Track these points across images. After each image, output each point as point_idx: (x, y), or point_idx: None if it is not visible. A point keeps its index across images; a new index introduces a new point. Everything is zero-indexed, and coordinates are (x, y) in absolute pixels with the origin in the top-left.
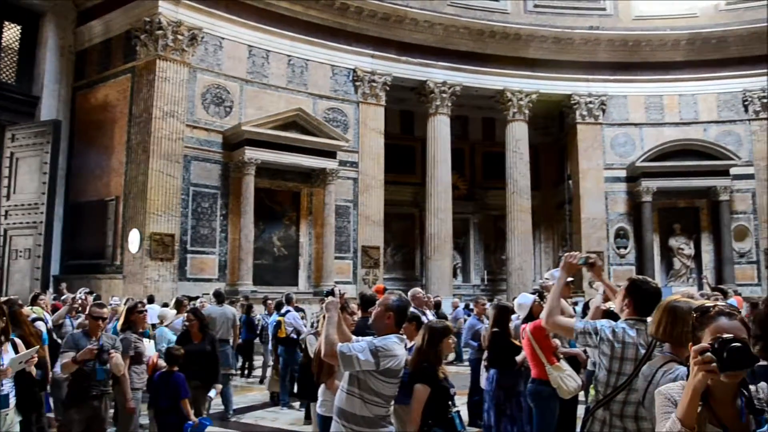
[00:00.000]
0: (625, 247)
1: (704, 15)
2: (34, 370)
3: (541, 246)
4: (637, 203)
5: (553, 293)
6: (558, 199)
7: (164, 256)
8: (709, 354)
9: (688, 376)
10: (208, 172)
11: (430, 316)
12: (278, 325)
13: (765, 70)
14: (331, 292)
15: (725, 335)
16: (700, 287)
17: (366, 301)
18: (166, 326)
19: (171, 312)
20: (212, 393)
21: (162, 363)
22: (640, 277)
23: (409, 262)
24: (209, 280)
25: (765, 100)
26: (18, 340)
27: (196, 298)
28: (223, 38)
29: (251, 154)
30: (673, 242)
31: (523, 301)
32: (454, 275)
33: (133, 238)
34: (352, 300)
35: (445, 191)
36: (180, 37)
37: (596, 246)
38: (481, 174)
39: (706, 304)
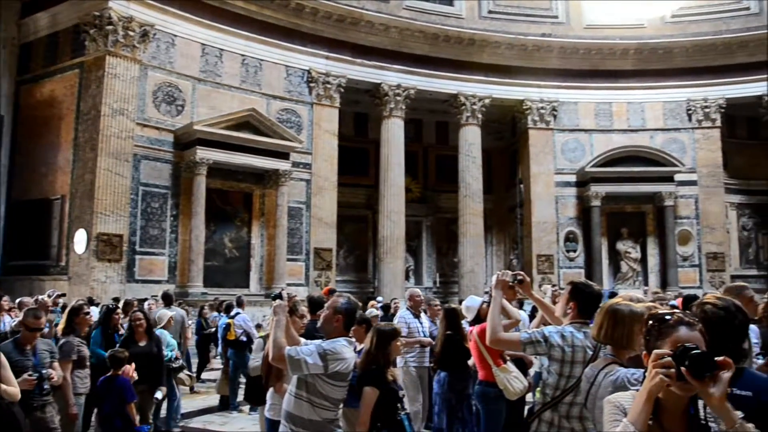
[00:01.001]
0: (575, 251)
1: (651, 26)
2: None
3: (492, 249)
4: (587, 207)
5: (491, 312)
6: (510, 202)
7: (112, 257)
8: (669, 359)
9: (634, 380)
10: (158, 172)
11: (424, 319)
12: (228, 327)
13: (707, 81)
14: (279, 296)
15: (687, 344)
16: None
17: (314, 304)
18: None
19: (169, 313)
20: (158, 394)
21: None
22: (582, 280)
23: (361, 265)
24: (158, 282)
25: (707, 110)
26: None
27: (144, 300)
28: (175, 36)
29: (203, 154)
30: (620, 246)
31: (471, 303)
32: (407, 278)
33: (80, 239)
34: (301, 302)
35: (399, 194)
36: (131, 33)
37: (546, 249)
38: (435, 177)
39: (665, 313)
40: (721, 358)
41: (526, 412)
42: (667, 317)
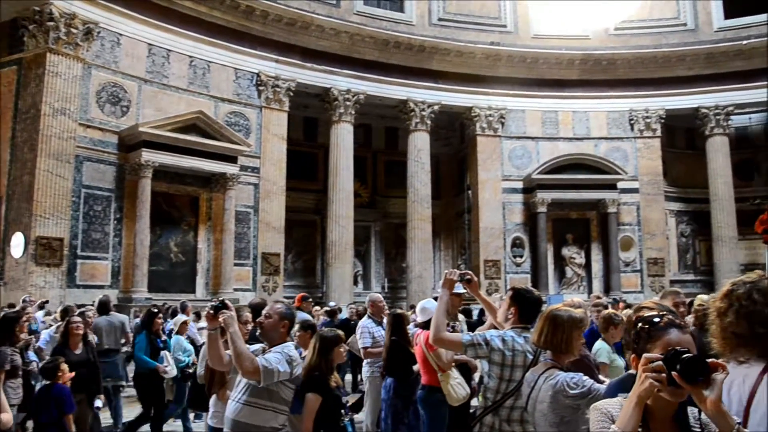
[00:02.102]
0: (521, 256)
1: (596, 38)
2: None
3: (440, 254)
4: (533, 214)
5: (437, 310)
6: (458, 208)
7: (51, 261)
8: (660, 363)
9: (573, 384)
10: (101, 174)
11: (377, 328)
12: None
13: (648, 93)
14: (224, 305)
15: (678, 348)
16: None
17: (258, 310)
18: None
19: (182, 317)
20: (98, 403)
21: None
22: (523, 286)
23: (309, 270)
24: (101, 287)
25: (648, 120)
26: None
27: (84, 306)
28: (121, 35)
29: (148, 156)
30: (565, 251)
31: (429, 305)
32: (355, 282)
33: (17, 242)
34: (245, 309)
35: (347, 199)
36: (74, 30)
37: (494, 255)
38: (383, 182)
39: (655, 316)
40: (713, 360)
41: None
42: (657, 320)
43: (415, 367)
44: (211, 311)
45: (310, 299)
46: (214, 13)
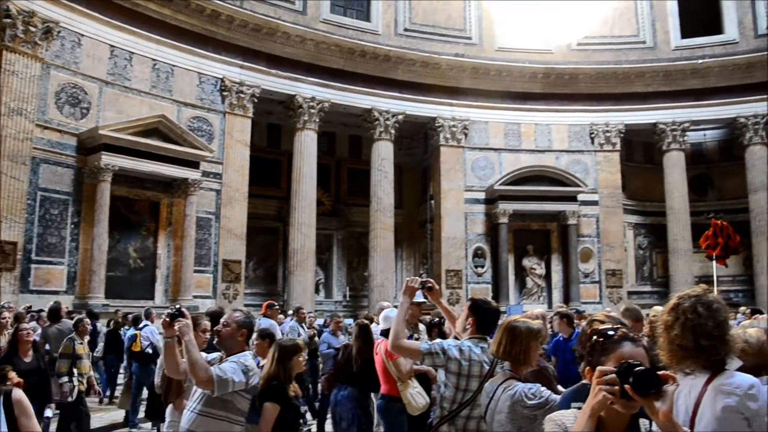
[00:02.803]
0: (483, 266)
1: (559, 52)
2: None
3: (403, 263)
4: (495, 224)
5: (397, 317)
6: (420, 217)
7: (4, 265)
8: (613, 376)
9: (531, 394)
10: (59, 177)
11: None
12: (134, 338)
13: (609, 107)
14: (180, 313)
15: (631, 361)
16: (550, 305)
17: (216, 319)
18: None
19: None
20: (48, 413)
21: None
22: (481, 297)
23: (271, 277)
24: (56, 293)
25: (608, 134)
26: None
27: (40, 311)
28: (82, 35)
29: (108, 160)
30: (526, 262)
31: (391, 314)
32: (317, 291)
33: None
34: (203, 317)
35: (310, 206)
36: (32, 29)
37: (455, 264)
38: (347, 191)
39: (609, 329)
40: (664, 372)
41: None
42: (611, 333)
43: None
44: (168, 319)
45: (276, 306)
46: (178, 16)
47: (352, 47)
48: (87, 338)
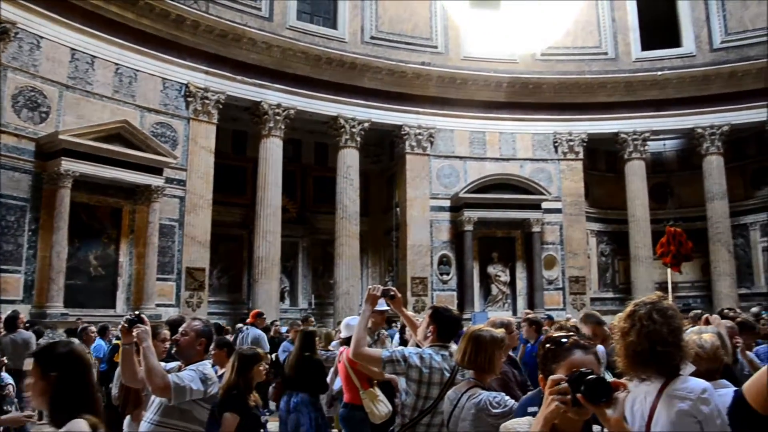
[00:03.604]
0: (448, 274)
1: (523, 62)
2: None
3: (368, 271)
4: (460, 232)
5: (359, 325)
6: (386, 225)
7: None
8: (564, 385)
9: (496, 403)
10: (16, 183)
11: None
12: (115, 349)
13: (572, 117)
14: (139, 319)
15: (583, 369)
16: (514, 312)
17: (176, 327)
18: None
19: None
20: None
21: None
22: (442, 305)
23: (235, 285)
24: (12, 302)
25: (571, 143)
26: None
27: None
28: (41, 37)
29: (68, 165)
30: (491, 269)
31: (353, 322)
32: (282, 299)
33: None
34: (163, 325)
35: (275, 214)
36: None
37: (421, 272)
38: (312, 198)
39: (562, 336)
40: (615, 380)
41: None
42: (563, 340)
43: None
44: (126, 325)
45: (264, 315)
46: (142, 20)
47: (318, 54)
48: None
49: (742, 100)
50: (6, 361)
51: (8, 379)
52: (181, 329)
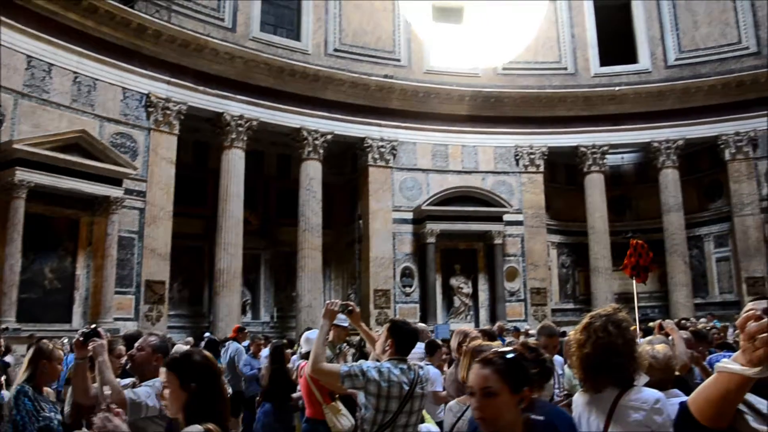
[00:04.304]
0: (411, 286)
1: (485, 76)
2: None
3: (331, 283)
4: (422, 244)
5: (317, 340)
6: (349, 237)
7: None
8: None
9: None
10: None
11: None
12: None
13: (533, 130)
14: (95, 333)
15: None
16: (477, 324)
17: (133, 342)
18: None
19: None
20: None
21: None
22: (400, 318)
23: (196, 298)
24: None
25: (532, 156)
26: None
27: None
28: None
29: (23, 176)
30: (453, 281)
31: (314, 336)
32: (244, 312)
33: None
34: (118, 340)
35: (237, 226)
36: None
37: (383, 284)
38: (275, 210)
39: (484, 349)
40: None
41: None
42: (483, 351)
43: (294, 396)
44: (81, 338)
45: (246, 330)
46: (102, 28)
47: (281, 66)
48: None
49: (695, 115)
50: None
51: (7, 397)
52: (137, 344)
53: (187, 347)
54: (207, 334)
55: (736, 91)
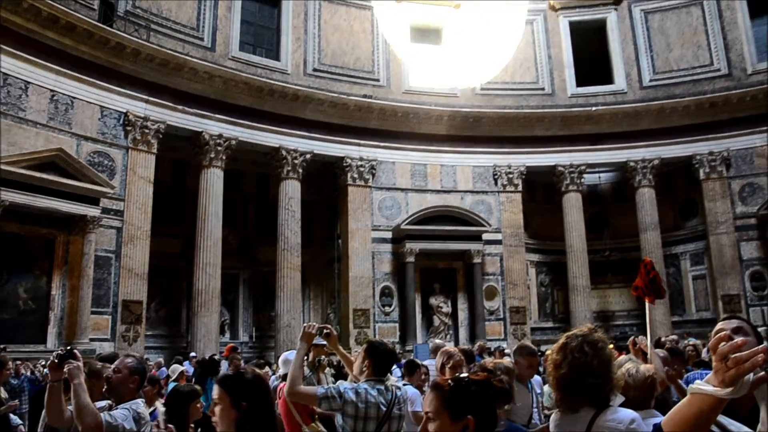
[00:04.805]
0: (390, 305)
1: (463, 96)
2: None
3: (310, 303)
4: (402, 263)
5: (294, 363)
6: (328, 257)
7: None
8: None
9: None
10: None
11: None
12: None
13: (511, 150)
14: (71, 354)
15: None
16: (456, 343)
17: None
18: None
19: (180, 368)
20: None
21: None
22: (377, 339)
23: (174, 318)
24: None
25: (511, 176)
26: None
27: None
28: None
29: None
30: (433, 301)
31: (291, 357)
32: (222, 332)
33: None
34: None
35: (215, 245)
36: None
37: (363, 304)
38: (253, 229)
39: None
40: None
41: None
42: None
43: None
44: (56, 360)
45: (239, 350)
46: (80, 47)
47: (260, 85)
48: None
49: (670, 135)
50: (15, 404)
51: (17, 420)
52: (113, 366)
53: (183, 367)
54: (192, 355)
55: (710, 111)
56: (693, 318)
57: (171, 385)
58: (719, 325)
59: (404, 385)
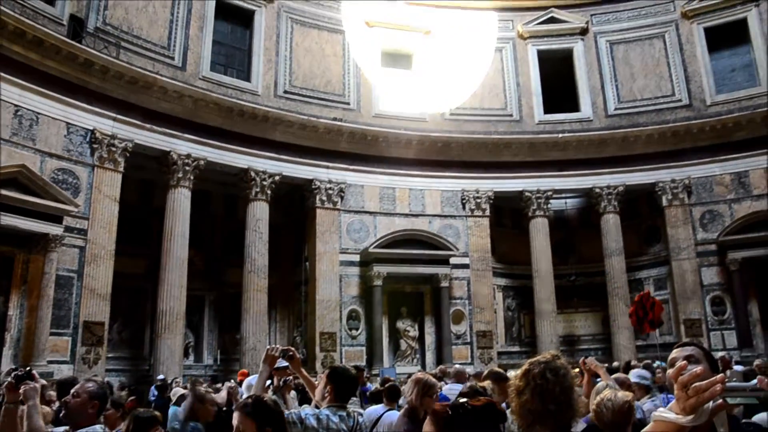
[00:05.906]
0: (357, 329)
1: (432, 121)
2: None
3: (276, 326)
4: (369, 287)
5: (256, 386)
6: (295, 279)
7: None
8: None
9: None
10: None
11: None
12: None
13: (479, 175)
14: (29, 376)
15: None
16: (423, 367)
17: (66, 388)
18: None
19: (181, 390)
20: None
21: None
22: (340, 365)
23: (137, 340)
24: None
25: (478, 200)
26: None
27: None
28: None
29: None
30: (400, 324)
31: (254, 382)
32: (186, 354)
33: None
34: (48, 387)
35: (181, 266)
36: None
37: (330, 327)
38: (221, 251)
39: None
40: None
41: None
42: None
43: None
44: (13, 381)
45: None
46: (47, 62)
47: (230, 106)
48: None
49: (634, 162)
50: None
51: None
52: (72, 390)
53: (183, 390)
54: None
55: (672, 140)
56: (657, 342)
57: (172, 409)
58: (674, 353)
59: (388, 411)
